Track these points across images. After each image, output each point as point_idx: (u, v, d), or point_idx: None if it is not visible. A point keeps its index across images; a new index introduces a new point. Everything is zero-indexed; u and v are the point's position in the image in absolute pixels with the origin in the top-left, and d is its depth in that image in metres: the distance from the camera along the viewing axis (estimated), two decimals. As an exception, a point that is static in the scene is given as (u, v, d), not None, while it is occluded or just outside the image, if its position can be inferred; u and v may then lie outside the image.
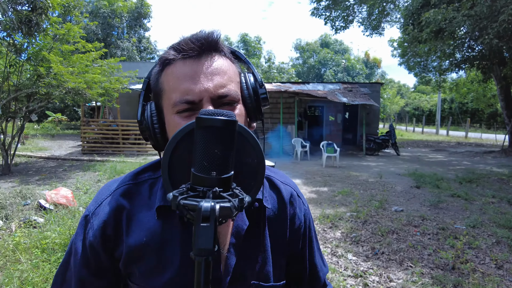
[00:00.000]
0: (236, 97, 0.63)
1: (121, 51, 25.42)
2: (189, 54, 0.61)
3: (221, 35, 0.66)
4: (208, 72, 0.61)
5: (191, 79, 0.60)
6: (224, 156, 0.43)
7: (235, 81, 0.65)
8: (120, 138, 13.01)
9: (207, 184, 0.42)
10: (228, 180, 0.43)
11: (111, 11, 25.51)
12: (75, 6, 9.78)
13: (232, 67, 0.66)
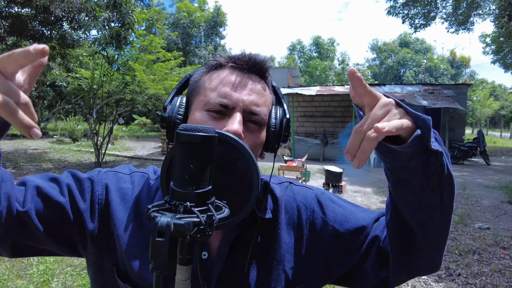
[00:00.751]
0: (263, 120, 0.66)
1: (198, 59, 27.13)
2: (241, 66, 0.67)
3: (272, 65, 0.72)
4: (250, 88, 0.65)
5: (233, 86, 0.64)
6: (199, 171, 0.43)
7: (268, 107, 0.69)
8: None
9: (181, 198, 0.42)
10: (202, 195, 0.43)
11: (190, 21, 27.42)
12: (158, 19, 10.73)
13: (270, 96, 0.71)
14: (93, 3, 7.07)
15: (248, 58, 0.67)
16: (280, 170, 7.71)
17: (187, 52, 27.30)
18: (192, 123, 0.63)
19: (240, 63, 0.67)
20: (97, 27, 7.03)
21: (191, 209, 0.41)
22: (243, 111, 0.63)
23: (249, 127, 0.65)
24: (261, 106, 0.66)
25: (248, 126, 0.65)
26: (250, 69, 0.67)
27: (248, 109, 0.63)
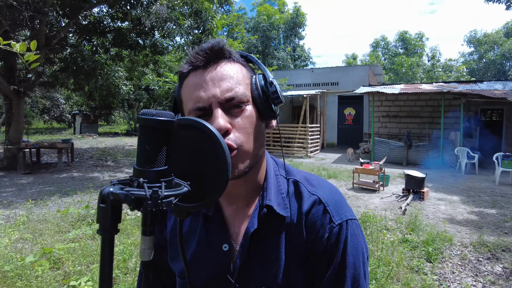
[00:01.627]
0: (243, 99, 0.65)
1: (276, 61, 27.50)
2: (197, 64, 0.66)
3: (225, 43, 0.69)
4: (215, 78, 0.65)
5: (200, 87, 0.65)
6: (154, 152, 0.47)
7: (244, 83, 0.67)
8: (271, 140, 14.07)
9: (138, 175, 0.46)
10: (154, 173, 0.46)
11: (269, 24, 27.95)
12: (237, 24, 11.20)
13: (242, 70, 0.69)
14: (177, 12, 7.67)
15: (197, 54, 0.66)
16: (355, 173, 7.39)
17: (266, 55, 27.86)
18: None
19: (195, 62, 0.66)
20: (181, 34, 7.62)
21: (142, 184, 0.44)
22: (220, 104, 0.63)
23: (234, 112, 0.65)
24: (234, 88, 0.65)
25: (233, 112, 0.65)
26: (206, 61, 0.66)
27: (223, 99, 0.64)
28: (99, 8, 11.02)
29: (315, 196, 0.71)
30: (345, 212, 0.71)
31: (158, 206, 0.43)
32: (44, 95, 23.18)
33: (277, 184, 0.74)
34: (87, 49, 10.77)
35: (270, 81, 0.68)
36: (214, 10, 11.02)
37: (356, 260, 0.69)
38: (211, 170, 0.55)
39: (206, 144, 0.54)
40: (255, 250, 0.69)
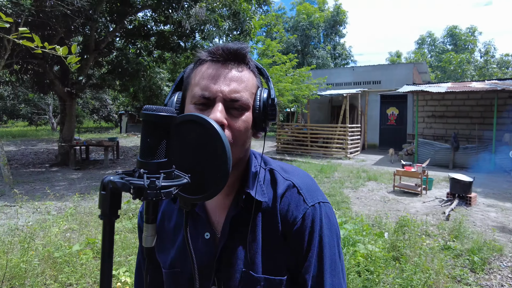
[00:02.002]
0: (245, 104, 0.70)
1: (316, 60, 27.12)
2: (218, 58, 0.71)
3: (249, 50, 0.75)
4: (228, 77, 0.70)
5: (212, 79, 0.69)
6: (154, 145, 0.50)
7: (251, 91, 0.72)
8: (308, 141, 13.91)
9: (140, 166, 0.50)
10: (154, 165, 0.50)
11: (309, 23, 27.62)
12: (276, 24, 11.22)
13: (253, 79, 0.74)
14: (216, 14, 7.84)
15: (222, 50, 0.71)
16: (397, 175, 7.10)
17: (305, 54, 27.57)
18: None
19: (216, 56, 0.71)
20: (219, 36, 7.78)
21: (143, 174, 0.47)
22: (224, 100, 0.68)
23: (233, 113, 0.69)
24: (241, 91, 0.69)
25: (232, 112, 0.69)
26: (226, 59, 0.71)
27: (228, 98, 0.68)
28: (143, 12, 11.56)
29: (288, 181, 0.77)
30: (317, 196, 0.76)
31: (158, 195, 0.46)
32: (93, 96, 24.75)
33: (255, 174, 0.78)
34: (131, 52, 11.33)
35: (272, 98, 0.74)
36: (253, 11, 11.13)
37: (331, 240, 0.74)
38: (213, 163, 0.57)
39: (208, 139, 0.57)
40: (235, 234, 0.74)
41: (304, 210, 0.73)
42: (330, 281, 0.71)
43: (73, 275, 2.99)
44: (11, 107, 24.84)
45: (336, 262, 0.74)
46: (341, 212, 5.33)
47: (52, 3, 6.60)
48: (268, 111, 0.73)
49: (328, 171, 9.14)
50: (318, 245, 0.73)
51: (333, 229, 0.76)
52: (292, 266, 0.74)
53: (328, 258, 0.73)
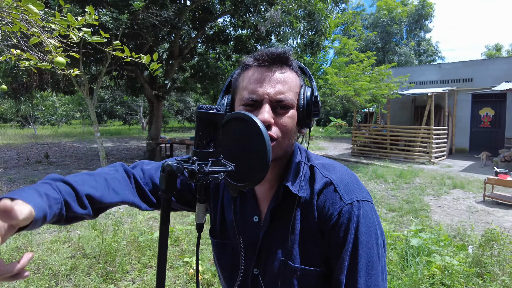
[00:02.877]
0: (290, 103, 0.76)
1: (398, 57, 25.35)
2: (263, 63, 0.77)
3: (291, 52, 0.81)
4: (273, 80, 0.76)
5: (259, 83, 0.76)
6: (205, 137, 0.58)
7: (294, 91, 0.78)
8: (388, 143, 13.12)
9: (194, 155, 0.59)
10: (204, 154, 0.58)
11: (390, 19, 25.94)
12: (353, 21, 10.85)
13: (296, 80, 0.79)
14: (291, 16, 7.90)
15: (266, 55, 0.77)
16: (488, 184, 6.30)
17: (386, 51, 25.96)
18: None
19: (261, 61, 0.77)
20: (294, 37, 7.83)
21: (195, 161, 0.57)
22: (270, 102, 0.74)
23: (279, 112, 0.75)
24: (285, 92, 0.75)
25: (278, 111, 0.75)
26: (270, 63, 0.77)
27: (274, 99, 0.74)
28: (222, 18, 12.20)
29: (326, 179, 0.79)
30: (355, 193, 0.76)
31: (206, 179, 0.56)
32: (178, 99, 26.87)
33: (296, 168, 0.82)
34: (211, 57, 12.04)
35: (315, 95, 0.79)
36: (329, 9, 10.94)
37: (369, 239, 0.73)
38: (255, 156, 0.64)
39: (252, 134, 0.64)
40: (275, 224, 0.80)
41: (340, 208, 0.74)
42: (365, 281, 0.71)
43: (153, 258, 3.33)
44: (109, 108, 28.33)
45: (373, 262, 0.72)
46: (419, 220, 4.94)
47: (143, 16, 7.39)
48: (311, 108, 0.78)
49: (408, 176, 8.53)
50: (353, 243, 0.72)
51: (372, 228, 0.74)
52: (328, 260, 0.77)
53: (363, 257, 0.72)
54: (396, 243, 3.71)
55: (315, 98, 0.78)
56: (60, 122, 28.09)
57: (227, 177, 0.69)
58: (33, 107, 21.41)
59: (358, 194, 0.76)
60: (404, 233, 4.07)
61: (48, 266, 3.09)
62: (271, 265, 0.80)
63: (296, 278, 0.77)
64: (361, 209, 0.74)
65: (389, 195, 6.80)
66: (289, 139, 0.77)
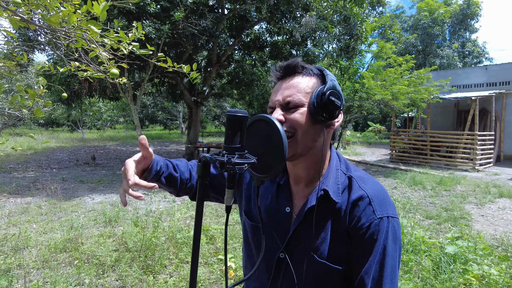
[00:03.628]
0: (298, 103, 0.87)
1: (440, 60, 24.22)
2: (280, 76, 0.94)
3: (298, 61, 0.91)
4: (283, 88, 0.90)
5: (275, 93, 0.92)
6: (232, 135, 0.72)
7: (304, 92, 0.88)
8: (428, 149, 12.62)
9: (224, 149, 0.73)
10: (232, 148, 0.72)
11: (431, 20, 24.87)
12: (391, 25, 10.63)
13: (308, 82, 0.90)
14: (326, 22, 7.94)
15: (279, 68, 0.92)
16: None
17: (427, 54, 24.91)
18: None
19: (278, 75, 0.93)
20: (329, 42, 7.85)
21: (224, 154, 0.71)
22: (281, 106, 0.89)
23: (291, 111, 0.87)
24: (292, 95, 0.87)
25: (290, 111, 0.87)
26: (283, 75, 0.92)
27: (283, 102, 0.88)
28: (259, 25, 12.44)
29: (363, 191, 0.86)
30: (387, 210, 0.84)
31: (233, 169, 0.70)
32: (215, 104, 27.54)
33: (336, 176, 0.91)
34: (247, 64, 12.31)
35: (324, 92, 0.86)
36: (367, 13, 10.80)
37: (394, 252, 0.82)
38: (274, 150, 0.77)
39: (270, 131, 0.77)
40: (307, 222, 0.89)
41: (372, 220, 0.83)
42: (390, 287, 0.81)
43: (190, 254, 3.53)
44: (151, 113, 29.64)
45: (395, 272, 0.82)
46: (457, 229, 4.77)
47: (183, 26, 7.77)
48: (322, 103, 0.85)
49: (448, 184, 8.19)
50: (382, 253, 0.81)
51: (398, 242, 0.84)
52: (350, 262, 0.86)
53: (389, 266, 0.81)
54: (430, 250, 3.64)
55: (323, 95, 0.85)
56: (106, 126, 29.82)
57: (251, 169, 0.82)
58: (82, 112, 22.95)
59: (389, 210, 0.85)
60: (440, 240, 3.97)
61: (96, 257, 3.40)
62: (298, 254, 0.89)
63: (318, 271, 0.87)
64: (390, 224, 0.83)
65: (427, 202, 6.59)
66: (305, 134, 0.86)
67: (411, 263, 3.31)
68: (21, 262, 3.31)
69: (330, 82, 0.88)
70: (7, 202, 5.75)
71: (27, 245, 3.75)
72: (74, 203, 5.69)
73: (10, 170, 8.99)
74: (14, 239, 3.82)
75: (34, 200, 5.84)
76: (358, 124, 33.36)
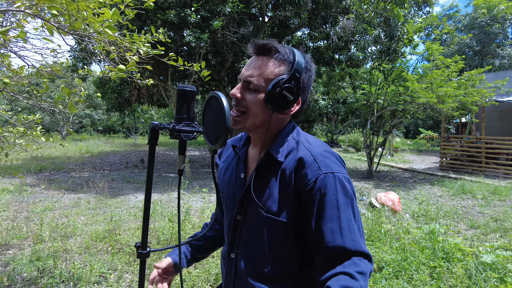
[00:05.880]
0: (256, 87, 0.94)
1: (500, 60, 22.24)
2: (252, 52, 0.99)
3: (274, 45, 0.96)
4: (251, 65, 0.97)
5: (245, 67, 0.99)
6: (179, 107, 0.85)
7: (266, 77, 0.94)
8: (483, 156, 11.67)
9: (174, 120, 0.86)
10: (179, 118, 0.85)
11: (490, 18, 22.95)
12: (438, 24, 10.11)
13: (274, 69, 0.95)
14: (365, 24, 7.79)
15: (253, 45, 0.97)
16: None
17: (485, 54, 23.01)
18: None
19: (251, 50, 0.98)
20: (368, 44, 7.69)
21: (170, 122, 0.84)
22: (243, 81, 0.96)
23: (250, 92, 0.95)
24: (255, 77, 0.94)
25: (250, 91, 0.96)
26: (257, 52, 0.97)
27: (245, 80, 0.95)
28: (301, 31, 12.50)
29: (307, 151, 0.93)
30: (332, 167, 0.89)
31: (179, 136, 0.83)
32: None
33: (283, 140, 0.99)
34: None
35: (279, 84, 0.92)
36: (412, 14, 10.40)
37: (347, 206, 0.87)
38: (221, 123, 0.87)
39: (219, 106, 0.88)
40: (256, 181, 0.97)
41: (317, 175, 0.87)
42: (350, 238, 0.84)
43: (215, 249, 3.68)
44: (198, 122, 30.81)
45: (351, 222, 0.86)
46: (507, 240, 4.40)
47: (222, 34, 8.10)
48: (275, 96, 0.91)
49: (504, 193, 7.55)
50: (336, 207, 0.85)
51: (348, 195, 0.88)
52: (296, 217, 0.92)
53: (345, 219, 0.85)
54: (466, 259, 3.42)
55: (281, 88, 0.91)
56: (157, 133, 31.47)
57: (206, 139, 0.94)
58: (135, 119, 24.54)
59: (334, 168, 0.89)
60: (480, 249, 3.72)
61: (129, 247, 3.68)
62: (249, 213, 0.99)
63: (268, 227, 0.94)
64: (337, 180, 0.87)
65: (474, 212, 6.14)
66: (257, 114, 0.95)
67: (439, 269, 3.14)
68: (67, 247, 3.69)
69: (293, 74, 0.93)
70: (62, 197, 6.38)
71: (74, 233, 4.16)
72: (118, 200, 6.16)
73: (69, 170, 9.92)
74: (64, 228, 4.26)
75: (85, 196, 6.41)
76: (409, 131, 31.75)
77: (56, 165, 10.54)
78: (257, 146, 1.04)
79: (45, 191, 6.79)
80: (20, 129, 2.99)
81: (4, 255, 3.51)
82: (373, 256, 3.43)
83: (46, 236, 3.98)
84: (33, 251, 3.51)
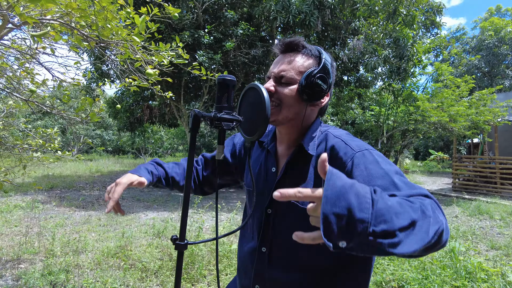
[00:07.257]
0: (290, 80, 0.97)
1: (509, 81, 22.18)
2: (280, 50, 1.03)
3: (301, 40, 1.00)
4: (281, 62, 1.00)
5: (274, 64, 1.02)
6: (220, 96, 0.87)
7: (298, 71, 0.97)
8: (497, 177, 11.41)
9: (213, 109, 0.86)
10: (220, 107, 0.85)
11: (497, 40, 23.10)
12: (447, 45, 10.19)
13: (304, 62, 0.98)
14: (375, 44, 7.90)
15: (282, 43, 1.00)
16: None
17: (494, 75, 23.01)
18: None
19: (280, 48, 1.01)
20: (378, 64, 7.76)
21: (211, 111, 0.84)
22: (274, 78, 0.99)
23: (283, 85, 0.97)
24: (286, 71, 0.96)
25: (282, 85, 0.98)
26: (285, 49, 1.00)
27: (278, 75, 0.98)
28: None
29: (337, 139, 0.95)
30: (365, 146, 0.90)
31: (219, 125, 0.83)
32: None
33: (313, 135, 1.00)
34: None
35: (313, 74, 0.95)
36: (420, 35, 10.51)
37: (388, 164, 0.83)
38: (259, 114, 0.86)
39: (258, 97, 0.87)
40: (289, 174, 1.00)
41: (352, 155, 0.87)
42: (409, 187, 0.75)
43: (229, 267, 3.59)
44: (208, 142, 30.96)
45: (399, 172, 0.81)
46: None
47: (234, 55, 8.27)
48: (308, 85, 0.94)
49: (522, 214, 7.33)
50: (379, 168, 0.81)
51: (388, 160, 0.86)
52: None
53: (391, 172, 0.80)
54: (491, 279, 3.28)
55: (315, 78, 0.94)
56: (166, 153, 31.68)
57: (243, 132, 0.93)
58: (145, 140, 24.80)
59: (367, 146, 0.90)
60: (506, 268, 3.57)
61: (141, 263, 3.61)
62: (283, 208, 0.98)
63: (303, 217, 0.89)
64: (374, 153, 0.87)
65: (494, 233, 5.96)
66: (290, 106, 0.96)
67: (463, 288, 3.01)
68: (78, 262, 3.64)
69: (323, 65, 0.96)
70: (73, 214, 6.36)
71: (85, 249, 4.11)
72: (129, 218, 6.12)
73: (80, 188, 9.95)
74: (75, 243, 4.22)
75: (95, 213, 6.38)
76: (418, 152, 31.42)
77: (67, 183, 10.60)
78: (283, 142, 1.05)
79: (56, 208, 6.79)
80: (39, 142, 3.02)
81: (16, 269, 3.47)
82: (393, 273, 3.32)
83: (58, 251, 3.94)
84: (45, 266, 3.47)
